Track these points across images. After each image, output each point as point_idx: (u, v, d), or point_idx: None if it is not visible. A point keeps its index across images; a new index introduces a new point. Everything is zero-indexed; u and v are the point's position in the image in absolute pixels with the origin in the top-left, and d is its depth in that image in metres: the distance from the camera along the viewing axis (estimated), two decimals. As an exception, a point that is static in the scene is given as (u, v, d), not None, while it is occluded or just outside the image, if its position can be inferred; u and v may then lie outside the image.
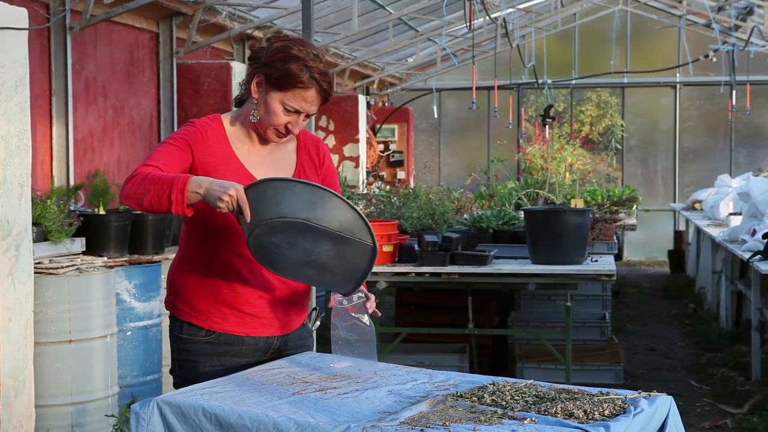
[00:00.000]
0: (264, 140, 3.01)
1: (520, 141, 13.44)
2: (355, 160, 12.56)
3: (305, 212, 2.69)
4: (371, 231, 2.73)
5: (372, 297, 2.94)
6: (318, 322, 3.18)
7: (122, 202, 2.81)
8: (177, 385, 2.99)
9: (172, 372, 3.07)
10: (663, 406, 2.56)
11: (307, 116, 2.97)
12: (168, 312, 3.09)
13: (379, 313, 3.00)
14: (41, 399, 5.04)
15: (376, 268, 6.09)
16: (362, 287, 2.91)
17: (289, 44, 2.92)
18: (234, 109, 3.08)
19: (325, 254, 2.74)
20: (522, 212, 7.01)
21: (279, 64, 2.89)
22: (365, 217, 2.73)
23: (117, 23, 7.63)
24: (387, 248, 6.22)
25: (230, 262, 2.95)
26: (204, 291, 2.97)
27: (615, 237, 7.72)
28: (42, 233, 5.43)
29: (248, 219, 2.69)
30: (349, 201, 2.74)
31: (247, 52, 10.08)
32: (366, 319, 2.89)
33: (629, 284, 12.93)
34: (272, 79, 2.90)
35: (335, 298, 2.89)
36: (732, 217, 9.58)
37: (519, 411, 2.45)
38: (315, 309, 3.18)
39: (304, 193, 2.70)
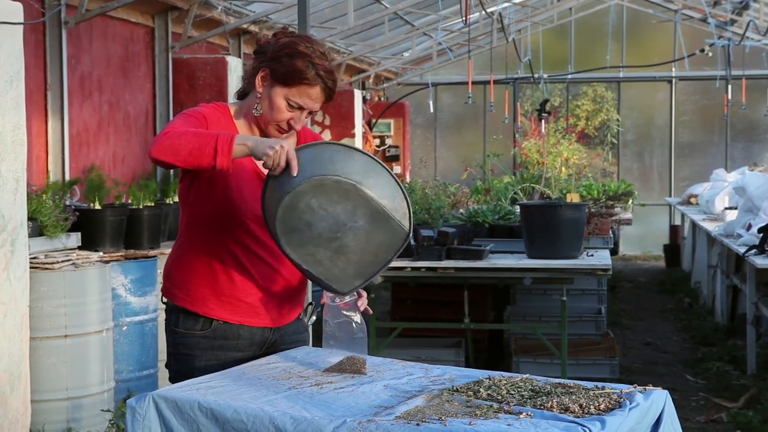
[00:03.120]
0: (265, 135, 3.01)
1: (516, 135, 13.43)
2: (351, 154, 12.53)
3: (358, 178, 2.63)
4: (411, 218, 2.69)
5: (364, 295, 2.94)
6: (314, 317, 3.18)
7: (153, 157, 2.70)
8: (173, 379, 3.00)
9: (167, 366, 3.07)
10: (658, 400, 2.57)
11: (310, 113, 2.97)
12: (164, 307, 3.09)
13: (371, 311, 3.00)
14: (37, 394, 5.04)
15: (372, 263, 6.08)
16: None
17: (296, 40, 2.92)
18: (236, 101, 3.08)
19: (355, 233, 2.65)
20: (518, 207, 7.01)
21: (285, 59, 2.89)
22: (410, 203, 2.69)
23: (112, 18, 7.61)
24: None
25: (230, 250, 2.96)
26: (201, 278, 2.97)
27: (611, 231, 7.73)
28: (37, 228, 5.43)
29: (294, 173, 2.62)
30: (399, 182, 2.69)
31: (243, 47, 10.07)
32: (358, 317, 2.89)
33: (625, 279, 12.94)
34: (278, 74, 2.90)
35: (328, 295, 2.89)
36: (727, 211, 9.60)
37: (515, 405, 2.45)
38: (311, 304, 3.18)
39: (361, 162, 2.66)
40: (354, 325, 2.88)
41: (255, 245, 2.95)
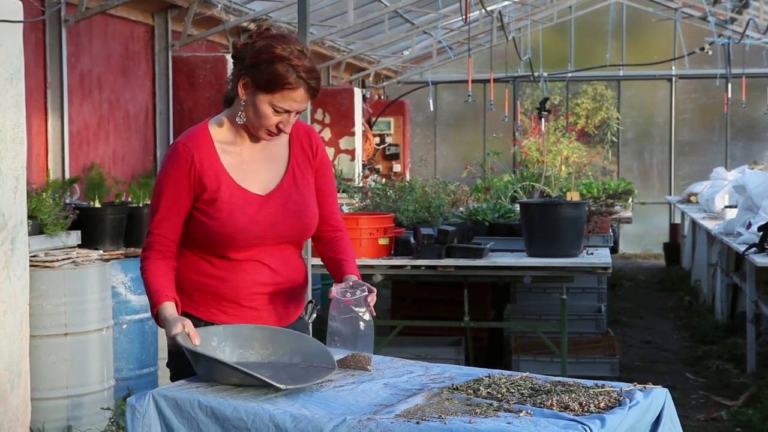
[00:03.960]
0: (256, 139, 2.99)
1: (516, 134, 13.43)
2: (351, 153, 12.56)
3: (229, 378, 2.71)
4: (262, 379, 2.61)
5: (375, 291, 2.92)
6: (314, 315, 3.17)
7: None
8: (174, 378, 2.98)
9: (169, 365, 3.06)
10: (658, 398, 2.57)
11: (298, 113, 2.95)
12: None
13: (374, 313, 2.97)
14: (37, 392, 5.04)
15: (372, 261, 6.09)
16: (362, 282, 2.91)
17: (272, 43, 2.85)
18: (225, 109, 3.04)
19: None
20: (518, 205, 7.01)
21: (264, 66, 2.83)
22: (251, 373, 2.61)
23: (112, 16, 7.61)
24: (383, 241, 6.22)
25: (232, 258, 2.95)
26: (203, 284, 2.96)
27: (611, 230, 7.74)
28: (37, 226, 5.43)
29: (192, 363, 2.76)
30: (240, 368, 2.64)
31: (243, 45, 10.04)
32: (367, 314, 2.86)
33: (625, 277, 12.94)
34: (259, 83, 2.85)
35: (336, 290, 2.87)
36: (727, 209, 9.59)
37: (515, 403, 2.45)
38: (311, 302, 3.17)
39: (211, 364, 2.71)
40: (362, 322, 2.86)
41: (259, 254, 2.95)
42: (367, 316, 2.85)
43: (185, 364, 2.98)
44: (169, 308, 2.87)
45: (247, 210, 2.92)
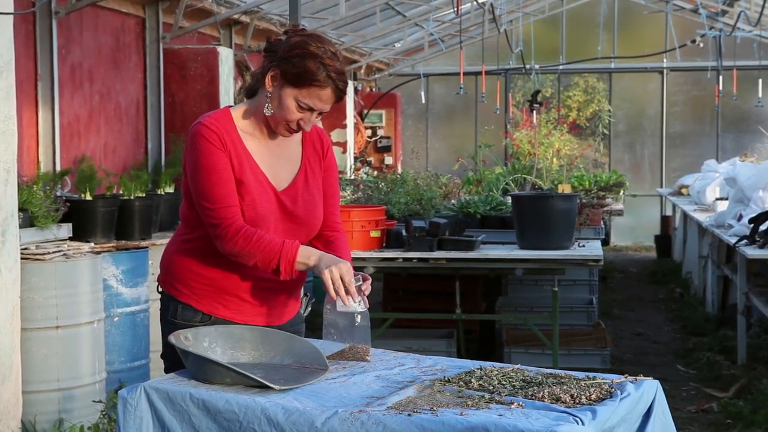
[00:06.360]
0: (274, 133, 3.00)
1: (508, 126, 13.43)
2: (343, 145, 12.56)
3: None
4: (256, 379, 2.60)
5: (369, 279, 2.93)
6: (309, 308, 3.18)
7: (226, 254, 2.88)
8: (168, 370, 2.96)
9: (163, 357, 3.05)
10: (649, 390, 2.58)
11: (320, 114, 2.95)
12: (156, 297, 3.07)
13: (369, 304, 2.97)
14: (28, 385, 5.04)
15: (363, 254, 6.09)
16: (356, 272, 2.91)
17: (307, 40, 2.88)
18: (245, 100, 3.03)
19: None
20: (509, 198, 7.02)
21: (296, 60, 2.85)
22: (246, 373, 2.59)
23: (103, 8, 7.58)
24: (374, 234, 6.22)
25: None
26: (205, 276, 2.96)
27: (602, 222, 7.73)
28: (28, 219, 5.42)
29: (355, 300, 2.81)
30: (234, 367, 2.63)
31: (234, 38, 10.04)
32: (362, 305, 2.87)
33: (616, 269, 12.97)
34: (288, 75, 2.86)
35: None
36: (718, 202, 9.62)
37: (506, 395, 2.46)
38: (306, 295, 3.18)
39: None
40: (357, 313, 2.86)
41: None
42: (362, 307, 2.85)
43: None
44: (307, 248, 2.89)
45: (269, 197, 2.93)
